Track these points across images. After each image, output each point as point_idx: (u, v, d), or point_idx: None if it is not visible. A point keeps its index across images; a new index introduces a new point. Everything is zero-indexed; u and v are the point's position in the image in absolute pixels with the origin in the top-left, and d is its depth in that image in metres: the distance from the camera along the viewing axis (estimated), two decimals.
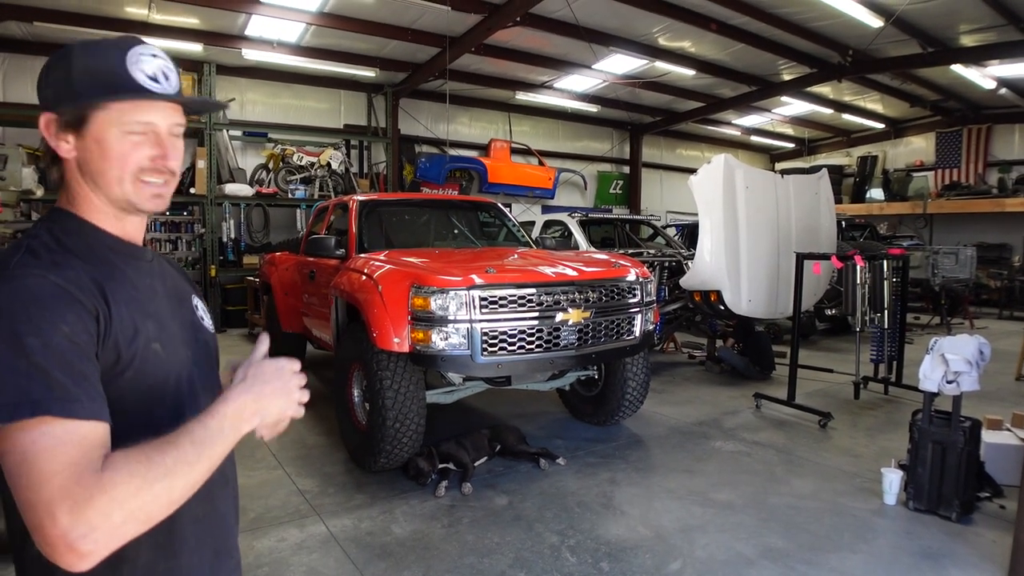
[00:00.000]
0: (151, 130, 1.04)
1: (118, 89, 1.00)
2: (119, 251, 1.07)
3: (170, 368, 1.05)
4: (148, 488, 0.83)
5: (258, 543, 3.27)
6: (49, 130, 1.02)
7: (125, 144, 1.02)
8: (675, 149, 18.22)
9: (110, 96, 1.00)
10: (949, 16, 9.41)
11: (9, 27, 9.21)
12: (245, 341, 9.48)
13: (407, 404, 3.91)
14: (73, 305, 0.92)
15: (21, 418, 0.83)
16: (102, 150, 1.01)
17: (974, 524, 3.50)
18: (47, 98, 1.02)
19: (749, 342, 7.22)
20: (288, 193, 11.12)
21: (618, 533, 3.40)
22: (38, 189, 8.30)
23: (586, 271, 4.37)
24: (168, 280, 1.16)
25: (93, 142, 1.01)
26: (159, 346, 1.03)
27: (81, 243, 1.02)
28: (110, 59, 1.01)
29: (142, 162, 1.03)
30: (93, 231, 1.05)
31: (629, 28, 9.98)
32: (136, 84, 1.01)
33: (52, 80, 1.02)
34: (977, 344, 3.59)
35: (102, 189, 1.04)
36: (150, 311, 1.05)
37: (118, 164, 1.02)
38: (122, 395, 0.97)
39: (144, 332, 1.01)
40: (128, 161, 1.03)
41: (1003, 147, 15.14)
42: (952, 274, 10.63)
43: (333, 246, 5.00)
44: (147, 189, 1.05)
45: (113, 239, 1.07)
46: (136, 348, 0.99)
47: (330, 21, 9.20)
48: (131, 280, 1.05)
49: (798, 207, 6.83)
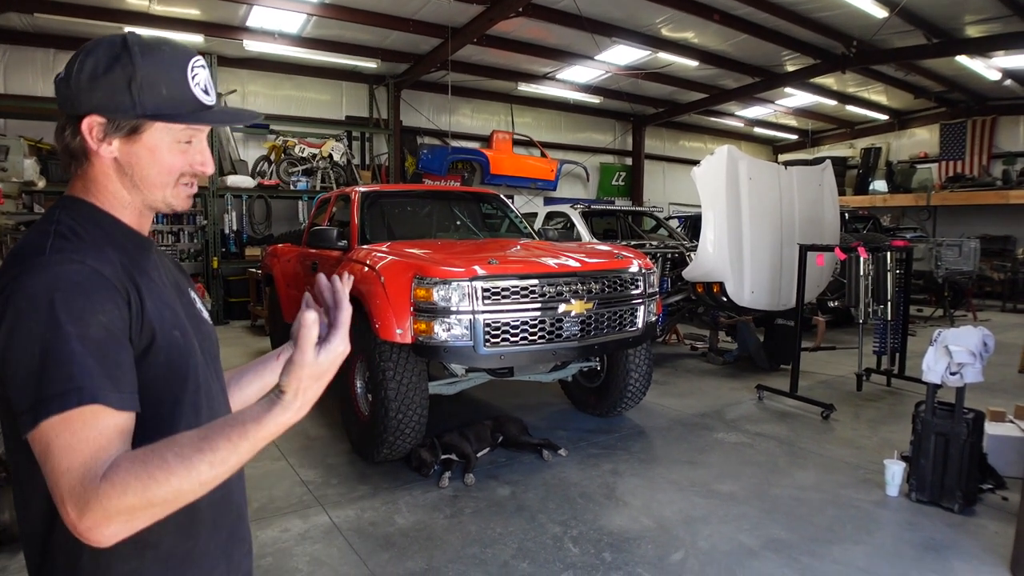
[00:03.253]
0: (196, 136, 1.07)
1: (183, 109, 1.02)
2: (134, 241, 1.08)
3: (188, 354, 1.06)
4: (158, 488, 0.83)
5: (262, 533, 3.28)
6: (92, 131, 1.00)
7: (175, 152, 1.05)
8: (678, 140, 18.17)
9: (178, 119, 1.02)
10: (954, 7, 9.35)
11: (10, 18, 9.18)
12: (248, 332, 9.49)
13: (410, 395, 3.91)
14: (111, 292, 0.93)
15: (68, 408, 0.84)
16: (154, 158, 1.03)
17: (977, 516, 3.50)
18: (98, 103, 0.99)
19: (769, 332, 7.18)
20: (290, 185, 11.11)
21: (621, 524, 3.41)
22: (40, 180, 8.29)
23: (589, 262, 4.36)
24: (168, 272, 1.18)
25: (145, 150, 1.03)
26: (179, 333, 1.04)
27: (100, 231, 1.02)
28: (173, 74, 1.02)
29: (185, 168, 1.07)
30: (112, 221, 1.05)
31: (632, 18, 9.93)
32: (199, 103, 1.04)
33: (107, 84, 0.99)
34: (981, 336, 3.58)
35: (142, 192, 1.06)
36: (166, 299, 1.06)
37: (166, 171, 1.05)
38: (156, 379, 0.99)
39: (168, 318, 1.03)
40: (174, 167, 1.06)
41: (1008, 139, 15.07)
42: (955, 266, 10.60)
43: (335, 237, 4.99)
44: (184, 191, 1.09)
45: (128, 229, 1.07)
46: (166, 333, 1.01)
47: (331, 12, 9.17)
48: (148, 269, 1.07)
49: (801, 199, 6.80)
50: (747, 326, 7.22)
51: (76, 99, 1.00)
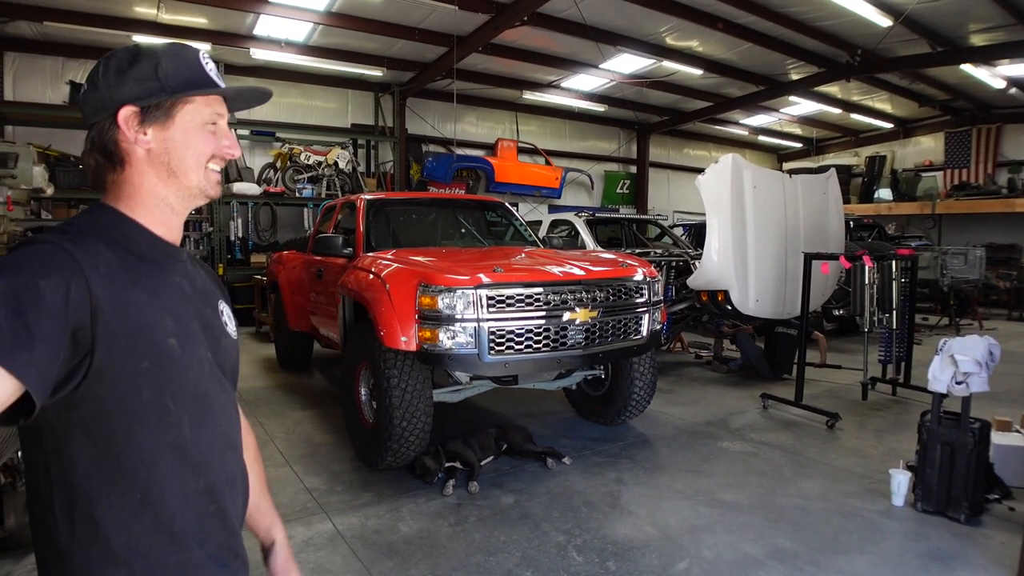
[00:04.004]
0: (220, 121, 1.14)
1: (204, 84, 1.11)
2: (156, 247, 1.10)
3: (187, 364, 1.06)
4: None
5: None
6: (129, 123, 1.06)
7: (206, 134, 1.12)
8: (682, 149, 18.19)
9: (201, 90, 1.10)
10: (959, 15, 9.36)
11: (20, 27, 9.28)
12: (252, 340, 9.52)
13: (414, 403, 3.91)
14: (68, 269, 0.92)
15: None
16: (187, 140, 1.09)
17: (983, 526, 3.48)
18: (132, 94, 1.06)
19: (770, 340, 7.17)
20: (295, 192, 11.16)
21: (625, 533, 3.40)
22: (48, 187, 8.35)
23: (593, 270, 4.36)
24: (199, 282, 1.19)
25: (179, 132, 1.09)
26: (175, 341, 1.04)
27: (118, 233, 1.05)
28: (190, 60, 1.12)
29: (214, 150, 1.13)
30: (136, 227, 1.08)
31: (636, 27, 9.97)
32: (214, 81, 1.13)
33: (136, 76, 1.06)
34: (987, 345, 3.57)
35: (179, 178, 1.10)
36: (171, 307, 1.06)
37: (199, 152, 1.11)
38: (139, 385, 0.99)
39: (161, 325, 1.03)
40: (207, 149, 1.12)
41: (1013, 147, 15.03)
42: (961, 275, 10.56)
43: (340, 245, 5.01)
44: (213, 176, 1.14)
45: (152, 236, 1.10)
46: (155, 339, 1.01)
47: (338, 21, 9.24)
48: (159, 274, 1.08)
49: (806, 207, 6.80)
50: (746, 335, 7.21)
51: (107, 98, 1.06)
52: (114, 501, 0.98)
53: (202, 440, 1.08)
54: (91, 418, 0.96)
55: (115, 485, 0.98)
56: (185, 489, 1.05)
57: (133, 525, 0.99)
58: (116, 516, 0.98)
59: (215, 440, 1.11)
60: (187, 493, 1.05)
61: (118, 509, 0.99)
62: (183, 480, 1.04)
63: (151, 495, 1.01)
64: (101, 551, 0.98)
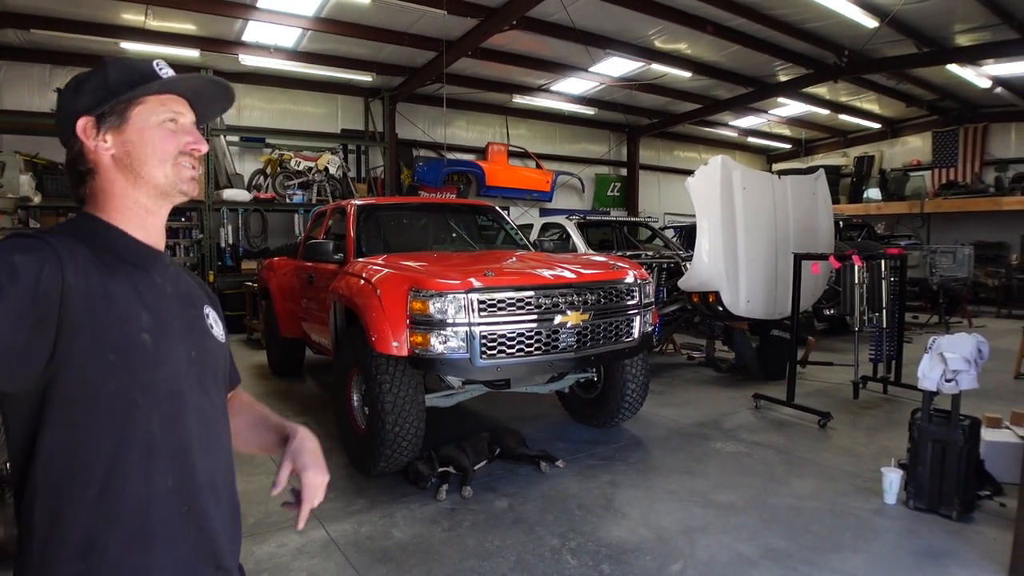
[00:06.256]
0: (180, 119, 1.16)
1: (148, 80, 1.13)
2: (136, 251, 1.13)
3: (160, 361, 1.06)
4: None
5: (258, 548, 3.26)
6: (87, 133, 1.10)
7: (164, 131, 1.14)
8: (672, 151, 18.26)
9: (147, 88, 1.13)
10: (944, 16, 9.44)
11: (7, 34, 9.22)
12: (243, 347, 9.47)
13: (406, 408, 3.90)
14: (41, 253, 0.96)
15: None
16: (144, 139, 1.12)
17: (974, 522, 3.50)
18: (85, 105, 1.11)
19: (763, 343, 7.18)
20: (286, 198, 11.13)
21: (619, 535, 3.40)
22: (35, 196, 8.31)
23: (584, 273, 4.37)
24: (181, 285, 1.21)
25: (135, 133, 1.12)
26: (148, 337, 1.05)
27: (98, 237, 1.09)
28: (141, 67, 1.15)
29: (180, 146, 1.15)
30: (115, 231, 1.12)
31: (625, 31, 10.01)
32: (157, 74, 1.15)
33: (88, 88, 1.12)
34: (975, 342, 3.59)
35: (144, 178, 1.12)
36: (148, 303, 1.08)
37: (161, 149, 1.13)
38: (105, 377, 1.00)
39: (135, 321, 1.05)
40: (168, 146, 1.14)
41: (1000, 146, 15.18)
42: (950, 273, 10.64)
43: (331, 251, 5.00)
44: (184, 171, 1.16)
45: (132, 240, 1.13)
46: (124, 332, 1.03)
47: (327, 26, 9.22)
48: (138, 273, 1.10)
49: (796, 208, 6.83)
50: (742, 334, 7.23)
51: (69, 114, 1.11)
52: (74, 493, 0.98)
53: (173, 438, 1.07)
54: (56, 408, 0.98)
55: (74, 476, 0.99)
56: (152, 486, 1.03)
57: (91, 519, 0.99)
58: (75, 509, 0.98)
59: (190, 440, 1.10)
60: (153, 491, 1.04)
61: (77, 502, 0.98)
62: (150, 477, 1.03)
63: (110, 489, 1.00)
64: (59, 543, 0.98)
